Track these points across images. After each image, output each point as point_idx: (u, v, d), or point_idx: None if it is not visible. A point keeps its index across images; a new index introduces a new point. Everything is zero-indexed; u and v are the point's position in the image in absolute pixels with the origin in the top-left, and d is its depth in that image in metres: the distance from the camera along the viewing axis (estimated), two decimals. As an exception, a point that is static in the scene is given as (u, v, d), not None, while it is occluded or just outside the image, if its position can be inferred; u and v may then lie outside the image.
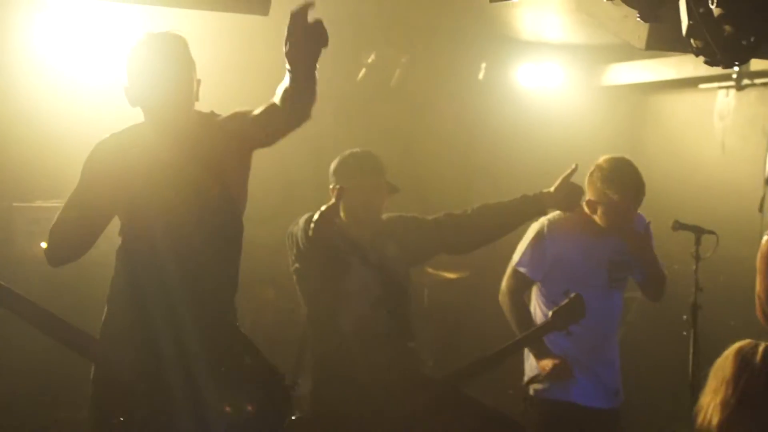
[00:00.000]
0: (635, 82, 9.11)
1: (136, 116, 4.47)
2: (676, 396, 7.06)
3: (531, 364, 6.30)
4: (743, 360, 3.96)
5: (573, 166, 5.87)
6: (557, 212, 6.18)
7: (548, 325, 5.88)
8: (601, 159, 6.17)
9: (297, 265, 5.63)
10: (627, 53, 8.41)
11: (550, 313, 5.90)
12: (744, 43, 4.50)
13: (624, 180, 6.06)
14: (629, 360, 6.45)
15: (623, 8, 4.85)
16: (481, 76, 9.08)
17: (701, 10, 4.54)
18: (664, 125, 9.29)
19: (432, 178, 8.68)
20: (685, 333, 6.74)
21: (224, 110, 4.44)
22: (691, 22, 4.65)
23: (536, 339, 5.99)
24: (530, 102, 9.40)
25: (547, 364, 6.04)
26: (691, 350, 6.68)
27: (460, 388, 5.90)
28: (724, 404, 3.90)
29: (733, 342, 4.95)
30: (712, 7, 4.43)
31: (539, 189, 6.06)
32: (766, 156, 8.29)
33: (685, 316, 6.74)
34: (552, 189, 5.91)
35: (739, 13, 4.39)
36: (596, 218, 6.14)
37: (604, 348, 6.27)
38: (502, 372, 6.28)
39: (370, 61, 8.32)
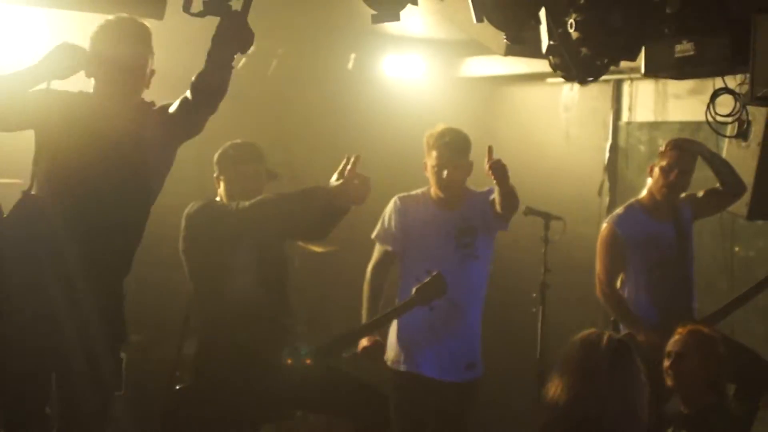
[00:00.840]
0: (489, 75, 9.47)
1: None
2: (525, 369, 7.49)
3: (391, 340, 6.59)
4: (590, 345, 4.18)
5: (354, 156, 5.57)
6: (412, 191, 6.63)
7: (411, 302, 6.20)
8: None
9: (185, 244, 5.85)
10: (484, 48, 8.86)
11: (413, 290, 6.30)
12: (598, 63, 5.19)
13: (442, 136, 6.49)
14: (483, 334, 6.67)
15: (485, 18, 5.21)
16: (350, 66, 9.39)
17: (560, 31, 5.19)
18: (515, 115, 9.70)
19: (305, 163, 8.96)
20: (534, 310, 7.24)
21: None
22: (550, 43, 5.28)
23: (401, 314, 6.23)
24: (394, 91, 9.69)
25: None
26: (539, 325, 7.19)
27: (330, 361, 6.00)
28: (571, 385, 4.11)
29: (577, 321, 5.54)
30: (571, 30, 5.09)
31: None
32: (605, 145, 8.92)
33: (534, 294, 7.27)
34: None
35: (596, 39, 5.02)
36: (434, 184, 6.50)
37: (458, 320, 6.48)
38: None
39: (250, 51, 8.56)
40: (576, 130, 9.26)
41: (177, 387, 6.20)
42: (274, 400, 5.85)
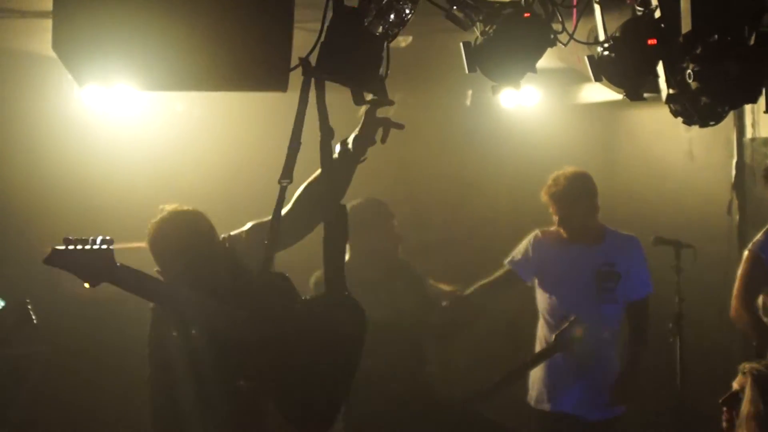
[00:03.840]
0: (607, 100, 9.19)
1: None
2: (663, 400, 7.50)
3: (533, 378, 6.77)
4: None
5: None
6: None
7: (551, 349, 6.38)
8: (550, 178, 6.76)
9: None
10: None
11: (552, 337, 6.43)
12: (719, 110, 5.20)
13: (566, 178, 6.72)
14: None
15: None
16: (468, 102, 9.47)
17: (678, 78, 5.21)
18: (636, 138, 9.70)
19: (429, 201, 9.28)
20: (671, 340, 7.24)
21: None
22: (670, 92, 5.31)
23: (542, 360, 6.48)
24: (512, 122, 9.62)
25: None
26: (678, 356, 7.18)
27: (475, 408, 6.34)
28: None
29: (716, 348, 5.44)
30: (689, 81, 5.11)
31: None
32: (731, 163, 8.85)
33: (670, 324, 7.27)
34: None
35: (715, 89, 5.03)
36: (562, 232, 6.71)
37: (599, 358, 6.62)
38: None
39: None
40: (699, 149, 9.22)
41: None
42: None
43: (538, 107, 9.42)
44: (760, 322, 6.60)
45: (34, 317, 6.17)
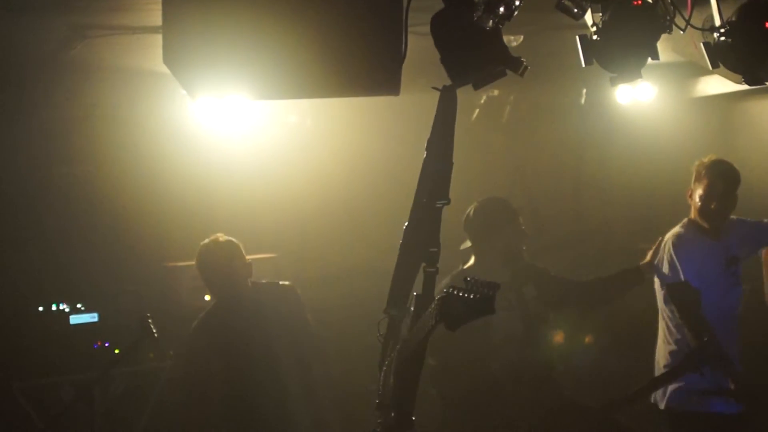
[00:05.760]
0: (725, 92, 9.15)
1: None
2: None
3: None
4: None
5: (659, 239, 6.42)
6: (675, 228, 6.62)
7: (682, 368, 6.19)
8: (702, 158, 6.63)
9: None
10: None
11: (684, 356, 6.25)
12: None
13: (720, 166, 6.54)
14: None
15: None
16: (582, 101, 9.43)
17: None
18: (757, 131, 9.46)
19: (546, 200, 9.20)
20: None
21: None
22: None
23: (673, 380, 6.31)
24: (628, 119, 9.50)
25: None
26: None
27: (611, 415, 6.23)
28: None
29: None
30: None
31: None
32: None
33: None
34: (647, 259, 6.52)
35: None
36: (696, 206, 6.54)
37: (730, 346, 6.41)
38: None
39: (482, 101, 8.85)
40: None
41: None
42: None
43: (654, 102, 9.30)
44: None
45: (155, 330, 6.23)
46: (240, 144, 8.14)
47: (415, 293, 4.28)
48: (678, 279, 6.46)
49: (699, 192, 6.53)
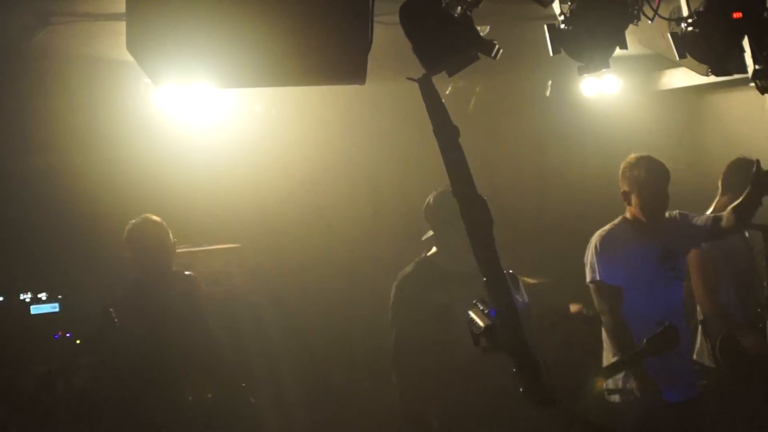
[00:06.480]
0: (691, 85, 9.22)
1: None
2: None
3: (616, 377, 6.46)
4: None
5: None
6: (605, 227, 6.61)
7: (642, 353, 6.22)
8: (628, 157, 6.60)
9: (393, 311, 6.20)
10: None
11: (644, 341, 6.26)
12: (806, 83, 5.05)
13: (651, 164, 6.47)
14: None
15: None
16: (548, 93, 9.42)
17: (765, 54, 5.07)
18: (721, 123, 9.55)
19: (511, 192, 9.12)
20: (761, 325, 7.03)
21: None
22: (756, 67, 5.18)
23: (632, 365, 6.14)
24: (593, 111, 9.62)
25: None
26: None
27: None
28: None
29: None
30: None
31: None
32: None
33: (759, 309, 7.09)
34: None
35: None
36: (632, 208, 6.50)
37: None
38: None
39: (447, 92, 8.79)
40: (785, 132, 8.92)
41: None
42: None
43: (620, 95, 9.35)
44: None
45: (116, 320, 6.21)
46: (205, 133, 8.10)
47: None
48: (594, 278, 6.49)
49: (634, 191, 6.52)
